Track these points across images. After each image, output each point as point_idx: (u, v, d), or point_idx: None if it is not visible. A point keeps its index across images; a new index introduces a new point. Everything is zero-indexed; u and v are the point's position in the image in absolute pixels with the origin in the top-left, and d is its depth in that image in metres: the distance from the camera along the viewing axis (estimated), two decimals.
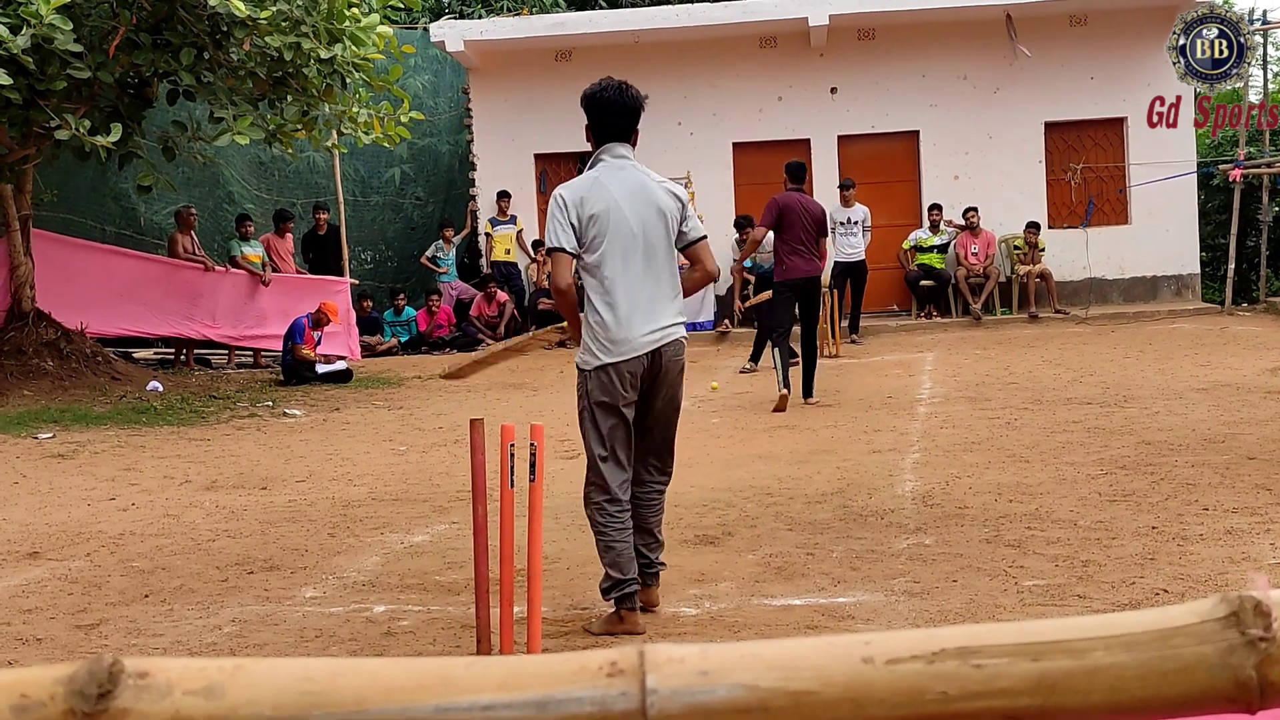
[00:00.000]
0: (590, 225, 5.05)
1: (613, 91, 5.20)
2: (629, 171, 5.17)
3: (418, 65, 19.24)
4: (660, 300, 5.10)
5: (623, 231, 5.05)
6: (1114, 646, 0.87)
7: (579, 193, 5.09)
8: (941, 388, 11.82)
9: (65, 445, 10.33)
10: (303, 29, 11.93)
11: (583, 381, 5.09)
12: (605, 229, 5.04)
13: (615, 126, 5.20)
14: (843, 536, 6.42)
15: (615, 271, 5.04)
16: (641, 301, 5.05)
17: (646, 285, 5.07)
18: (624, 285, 5.04)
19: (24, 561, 6.72)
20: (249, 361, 16.58)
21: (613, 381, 5.01)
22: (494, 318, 18.11)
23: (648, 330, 5.04)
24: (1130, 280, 18.79)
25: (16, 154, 12.50)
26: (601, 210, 5.04)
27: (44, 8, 10.45)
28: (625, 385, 5.02)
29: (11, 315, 13.55)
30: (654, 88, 18.62)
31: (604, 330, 5.02)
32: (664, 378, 5.12)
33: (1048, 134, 18.85)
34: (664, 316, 5.10)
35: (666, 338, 5.08)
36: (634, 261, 5.05)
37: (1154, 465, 7.71)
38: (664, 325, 5.08)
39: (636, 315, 5.03)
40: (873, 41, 18.79)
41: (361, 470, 9.09)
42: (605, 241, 5.04)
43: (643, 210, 5.09)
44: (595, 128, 5.24)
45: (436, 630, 5.23)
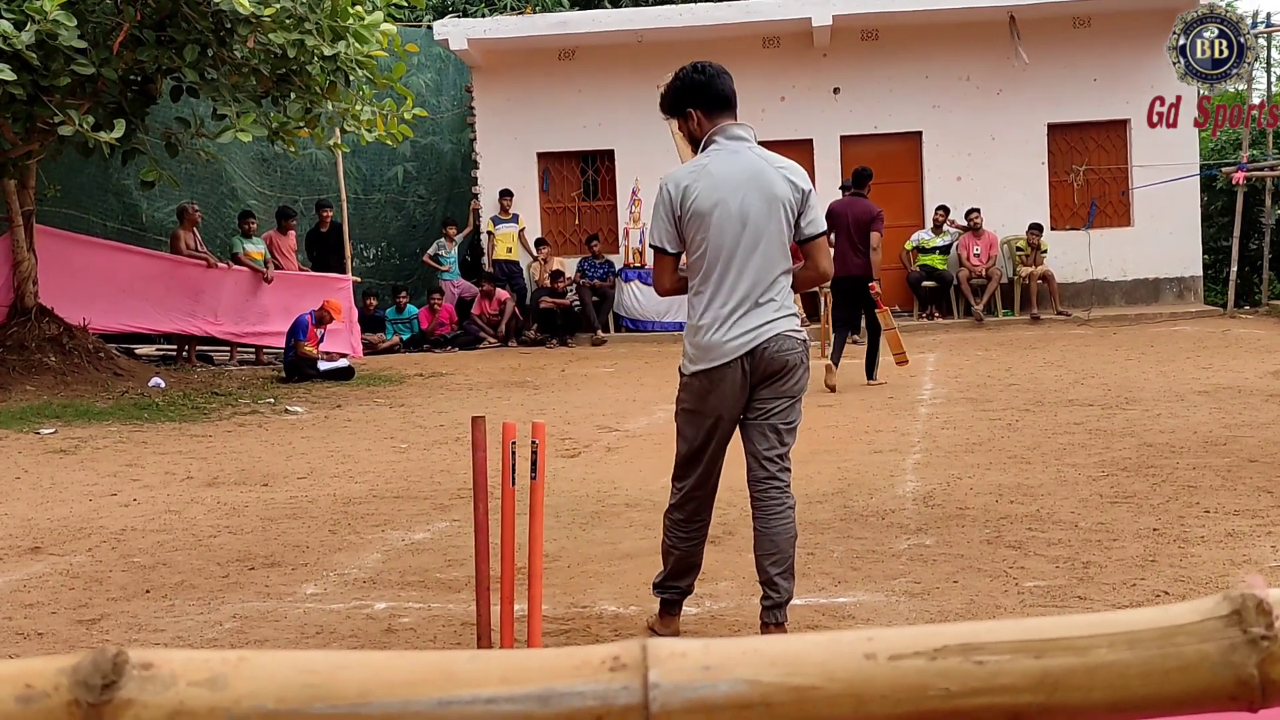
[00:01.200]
0: (692, 222, 4.66)
1: (709, 69, 4.84)
2: (744, 155, 4.73)
3: (421, 63, 19.26)
4: (761, 301, 4.66)
5: (728, 231, 4.63)
6: (1117, 644, 0.87)
7: (683, 182, 4.68)
8: (943, 388, 11.82)
9: (67, 441, 10.34)
10: (306, 26, 11.94)
11: (681, 386, 4.81)
12: (708, 227, 4.64)
13: (723, 100, 4.79)
14: (843, 536, 6.43)
15: (715, 275, 4.66)
16: (740, 305, 4.64)
17: (745, 285, 4.64)
18: (723, 290, 4.65)
19: (25, 556, 6.72)
20: (251, 358, 16.59)
21: (704, 389, 4.68)
22: (495, 316, 18.12)
23: (740, 333, 4.63)
24: (1132, 282, 18.80)
25: (20, 149, 12.52)
26: (706, 205, 4.64)
27: (49, 4, 10.46)
28: (717, 395, 4.66)
29: (14, 310, 13.56)
30: (657, 87, 18.81)
31: (696, 335, 4.69)
32: (772, 378, 4.69)
33: (1050, 135, 18.86)
34: (763, 314, 4.66)
35: (763, 335, 4.63)
36: (735, 263, 4.64)
37: (1155, 467, 7.71)
38: (761, 323, 4.65)
39: (731, 320, 4.64)
40: (876, 42, 18.80)
41: (363, 467, 9.10)
42: (708, 241, 4.65)
43: (755, 201, 4.65)
44: (703, 104, 4.78)
45: (437, 627, 5.24)
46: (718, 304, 4.64)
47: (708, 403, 4.68)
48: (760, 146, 4.82)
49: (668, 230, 4.71)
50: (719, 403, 4.67)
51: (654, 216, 4.81)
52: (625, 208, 18.90)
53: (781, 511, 4.74)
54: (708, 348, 4.64)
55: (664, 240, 4.73)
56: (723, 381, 4.64)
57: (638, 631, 5.09)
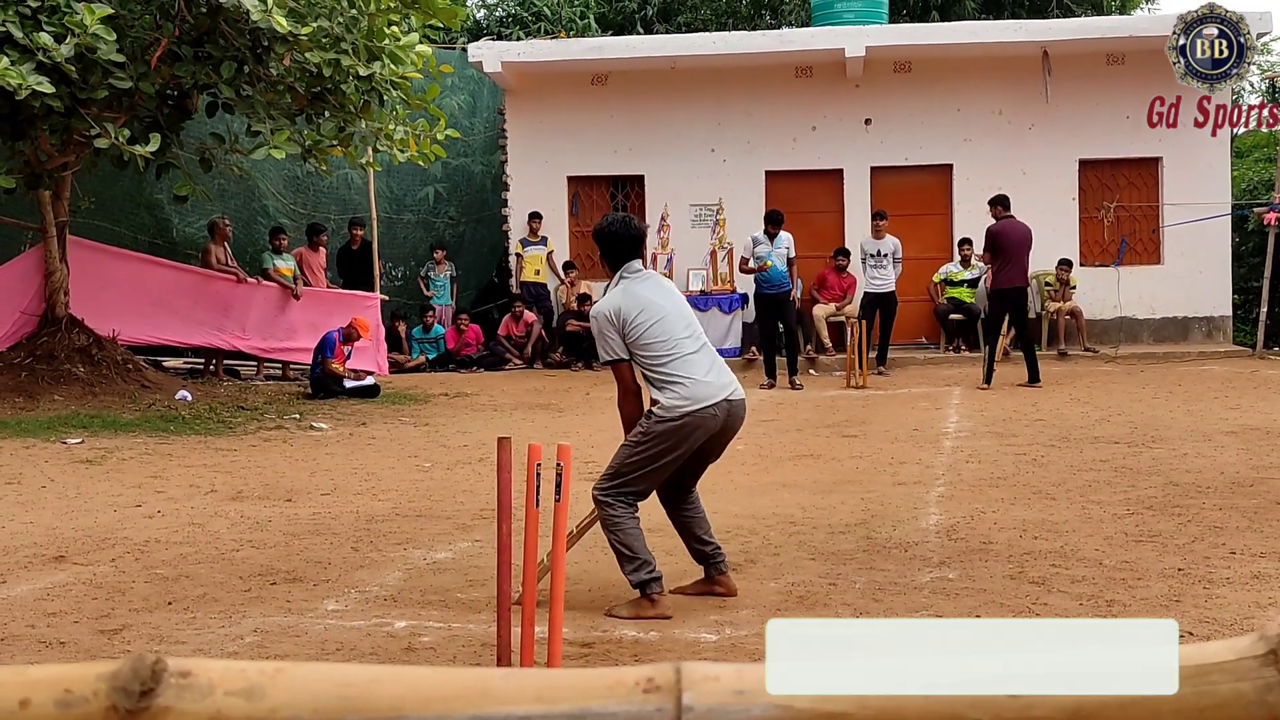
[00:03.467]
0: (633, 328, 5.78)
1: (620, 225, 6.03)
2: (650, 279, 6.07)
3: (455, 85, 19.35)
4: (719, 365, 5.93)
5: (661, 317, 5.83)
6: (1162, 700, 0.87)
7: (615, 306, 5.86)
8: (968, 422, 11.78)
9: (93, 451, 10.39)
10: (343, 46, 12.03)
11: (657, 422, 5.72)
12: (647, 321, 5.80)
13: (628, 250, 6.01)
14: (866, 568, 6.40)
15: (670, 344, 5.79)
16: (706, 365, 5.83)
17: (704, 353, 5.88)
18: (683, 350, 5.81)
19: (50, 565, 6.76)
20: (277, 374, 16.65)
21: (690, 428, 5.71)
22: (521, 338, 18.15)
23: (722, 387, 5.79)
24: (1161, 320, 18.71)
25: (56, 161, 12.63)
26: (640, 310, 5.81)
27: (89, 18, 10.57)
28: (700, 433, 5.74)
29: (45, 320, 13.66)
30: (689, 114, 18.90)
31: (683, 387, 5.72)
32: (733, 427, 5.91)
33: (1082, 172, 18.82)
34: (728, 376, 5.90)
35: (735, 391, 5.85)
36: (682, 332, 5.85)
37: (1181, 507, 7.66)
38: (730, 383, 5.86)
39: (707, 376, 5.79)
40: (908, 74, 18.81)
41: (386, 485, 9.11)
42: (649, 330, 5.79)
43: (671, 299, 5.97)
44: (612, 254, 6.05)
45: (457, 647, 5.24)
46: (690, 362, 5.79)
47: (683, 442, 5.72)
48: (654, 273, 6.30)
49: (618, 344, 5.83)
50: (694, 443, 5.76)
51: (600, 340, 5.91)
52: (654, 233, 18.93)
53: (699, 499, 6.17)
54: (696, 394, 5.72)
55: (619, 353, 5.84)
56: (709, 420, 5.74)
57: (658, 657, 5.08)
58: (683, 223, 18.79)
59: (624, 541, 5.74)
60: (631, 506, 5.81)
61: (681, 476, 5.99)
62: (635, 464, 5.76)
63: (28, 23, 10.85)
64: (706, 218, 18.86)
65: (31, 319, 13.77)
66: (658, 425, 5.72)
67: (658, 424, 5.73)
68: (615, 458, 5.88)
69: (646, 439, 5.75)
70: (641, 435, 5.77)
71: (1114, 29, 18.75)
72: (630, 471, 5.78)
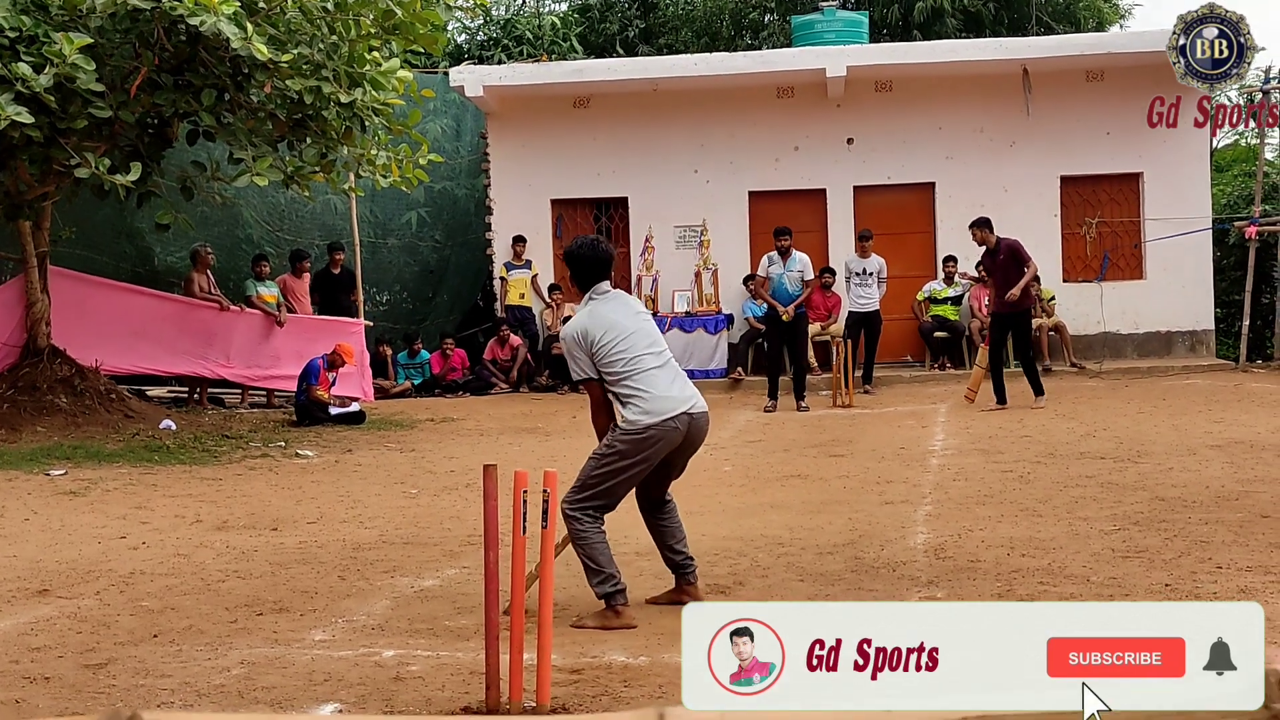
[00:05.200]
0: (599, 347, 6.07)
1: (587, 248, 6.32)
2: (616, 298, 6.33)
3: (437, 109, 19.35)
4: (681, 379, 6.20)
5: (628, 334, 6.11)
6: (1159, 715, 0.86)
7: (581, 328, 6.15)
8: (954, 440, 11.78)
9: (77, 482, 10.34)
10: (324, 73, 12.01)
11: (621, 435, 6.01)
12: (613, 340, 6.08)
13: (596, 272, 6.29)
14: (854, 588, 6.39)
15: (632, 360, 6.07)
16: (667, 380, 6.11)
17: (666, 369, 6.15)
18: (644, 365, 6.08)
19: (33, 599, 6.71)
20: (262, 401, 16.60)
21: (653, 440, 5.98)
22: (507, 362, 18.14)
23: (682, 400, 6.08)
24: (1144, 335, 18.77)
25: (36, 191, 12.59)
26: (605, 329, 6.09)
27: (67, 47, 10.55)
28: (658, 448, 6.02)
29: (26, 351, 13.59)
30: (671, 136, 18.94)
31: (645, 401, 6.01)
32: (694, 440, 6.18)
33: (1063, 188, 18.89)
34: (690, 390, 6.18)
35: (696, 405, 6.12)
36: (646, 354, 6.11)
37: (1167, 522, 7.67)
38: (693, 397, 6.15)
39: (669, 391, 6.07)
40: (890, 93, 18.87)
41: (373, 513, 9.08)
42: (615, 347, 6.07)
43: (636, 319, 6.24)
44: (581, 276, 6.32)
45: (445, 676, 5.21)
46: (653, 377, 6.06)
47: (650, 453, 6.00)
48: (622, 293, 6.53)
49: (587, 364, 6.12)
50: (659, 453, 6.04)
51: (570, 359, 6.21)
52: (638, 255, 18.94)
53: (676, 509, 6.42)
54: (659, 406, 6.00)
55: (588, 372, 6.14)
56: (672, 433, 6.02)
57: (646, 682, 5.06)
58: (667, 244, 18.81)
59: (590, 555, 5.99)
60: (598, 520, 6.05)
61: (648, 487, 6.28)
62: (600, 477, 6.03)
63: (6, 53, 10.82)
64: (691, 239, 18.89)
65: (13, 350, 13.71)
66: (621, 439, 6.01)
67: (621, 437, 6.01)
68: (582, 471, 6.13)
69: (611, 452, 6.03)
70: (606, 448, 6.05)
71: (1093, 46, 18.82)
72: (596, 484, 6.03)
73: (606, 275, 6.37)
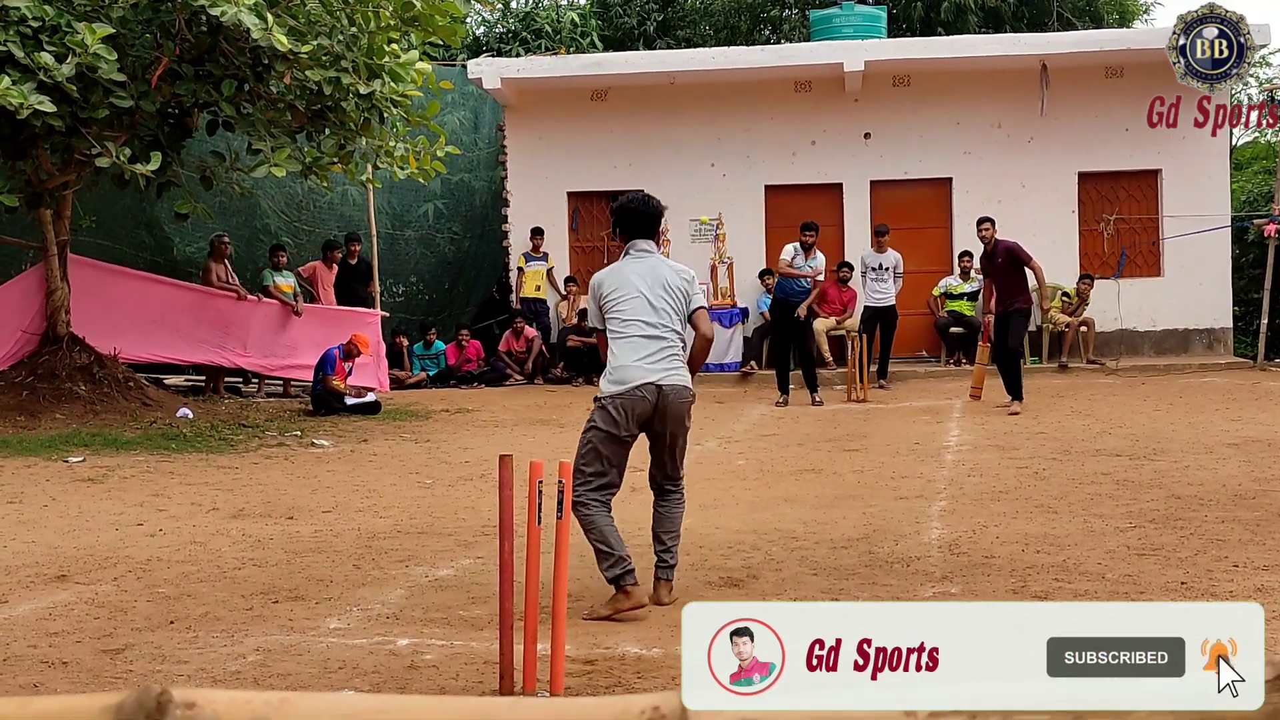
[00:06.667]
0: (607, 300, 6.24)
1: (638, 203, 6.41)
2: (647, 260, 6.35)
3: (455, 101, 19.38)
4: (664, 353, 6.16)
5: (631, 298, 6.20)
6: (1158, 715, 0.87)
7: (600, 279, 6.35)
8: (969, 435, 11.77)
9: (95, 469, 10.39)
10: (343, 64, 12.05)
11: (597, 408, 6.15)
12: (618, 298, 6.21)
13: (640, 228, 6.38)
14: (868, 583, 6.40)
15: (624, 327, 6.17)
16: (646, 351, 6.13)
17: (651, 341, 6.15)
18: (630, 333, 6.15)
19: (52, 584, 6.75)
20: (278, 391, 16.65)
21: (618, 412, 6.06)
22: (522, 353, 18.16)
23: (651, 371, 6.10)
24: (1162, 332, 18.71)
25: (57, 180, 12.64)
26: (615, 286, 6.24)
27: (89, 37, 10.60)
28: (627, 418, 6.06)
29: (46, 339, 13.65)
30: (688, 129, 18.94)
31: (613, 371, 6.14)
32: (668, 412, 6.13)
33: (1081, 184, 18.83)
34: (668, 364, 6.16)
35: (668, 377, 6.11)
36: (639, 320, 6.17)
37: (1183, 520, 7.65)
38: (668, 370, 6.14)
39: (641, 360, 6.10)
40: (907, 88, 18.83)
41: (388, 502, 9.11)
42: (616, 306, 6.20)
43: (652, 285, 6.24)
44: (624, 229, 6.41)
45: (460, 665, 5.23)
46: (630, 349, 6.12)
47: (618, 423, 6.06)
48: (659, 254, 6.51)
49: (596, 316, 6.34)
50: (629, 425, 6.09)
51: (589, 306, 6.42)
52: None
53: (679, 502, 6.38)
54: (624, 379, 6.08)
55: (595, 323, 6.38)
56: (634, 407, 6.06)
57: (661, 674, 5.08)
58: (683, 237, 18.80)
59: (600, 539, 6.05)
60: (604, 505, 6.11)
61: (651, 467, 6.36)
62: (583, 453, 6.16)
63: (29, 43, 10.87)
64: (706, 232, 18.88)
65: (33, 338, 13.77)
66: (596, 410, 6.17)
67: (596, 409, 6.17)
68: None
69: (589, 424, 6.20)
70: (587, 422, 6.23)
71: (1112, 42, 18.74)
72: (582, 461, 6.14)
73: (649, 234, 6.44)
